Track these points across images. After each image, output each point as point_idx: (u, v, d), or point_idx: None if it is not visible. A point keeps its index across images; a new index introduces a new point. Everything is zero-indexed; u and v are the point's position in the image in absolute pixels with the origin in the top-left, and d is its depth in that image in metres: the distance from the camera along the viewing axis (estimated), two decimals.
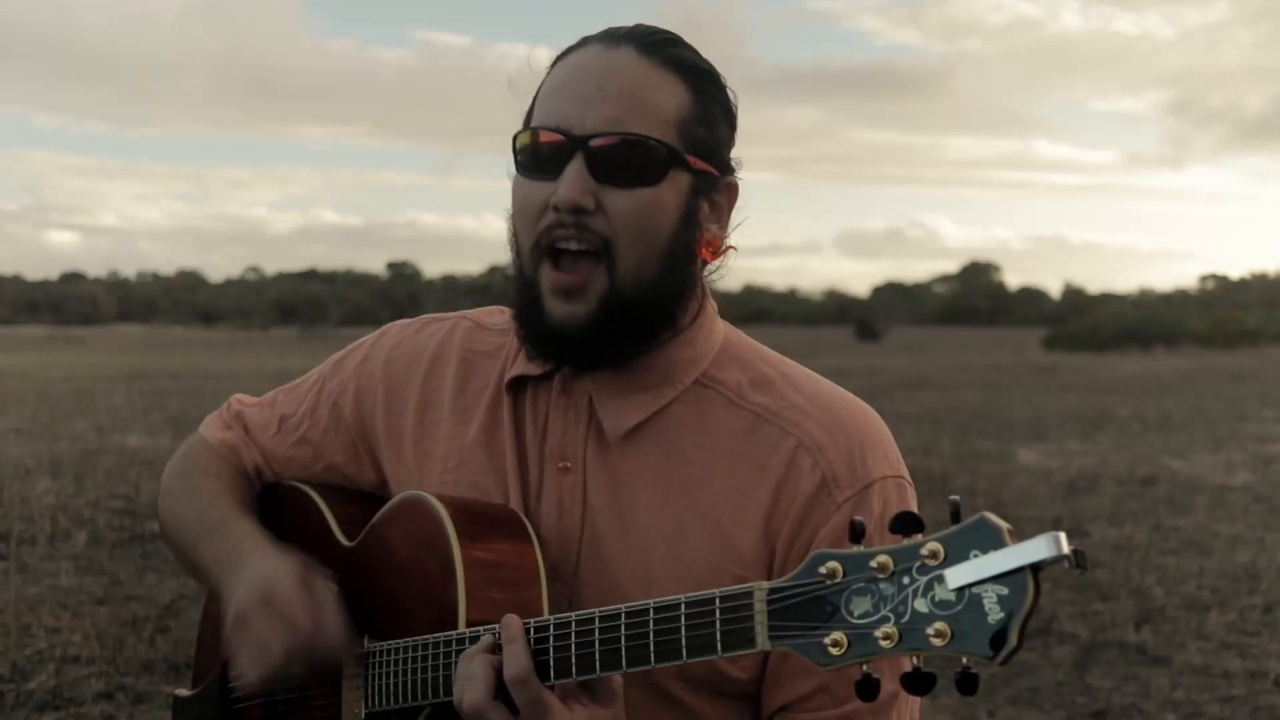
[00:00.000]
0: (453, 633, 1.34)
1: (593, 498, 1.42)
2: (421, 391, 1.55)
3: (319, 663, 1.40)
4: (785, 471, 1.39)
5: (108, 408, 14.12)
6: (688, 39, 1.46)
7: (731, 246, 1.45)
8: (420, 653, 1.37)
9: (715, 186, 1.41)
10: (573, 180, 1.33)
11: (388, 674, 1.41)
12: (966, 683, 1.04)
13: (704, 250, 1.41)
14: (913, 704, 1.41)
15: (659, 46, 1.39)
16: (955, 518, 1.05)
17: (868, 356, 32.65)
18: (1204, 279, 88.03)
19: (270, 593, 1.40)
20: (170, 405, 14.34)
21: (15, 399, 15.24)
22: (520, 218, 1.40)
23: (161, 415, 13.25)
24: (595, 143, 1.34)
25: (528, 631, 1.27)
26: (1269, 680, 4.67)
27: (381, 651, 1.43)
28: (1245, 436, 12.50)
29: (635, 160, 1.34)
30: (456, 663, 1.32)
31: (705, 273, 1.45)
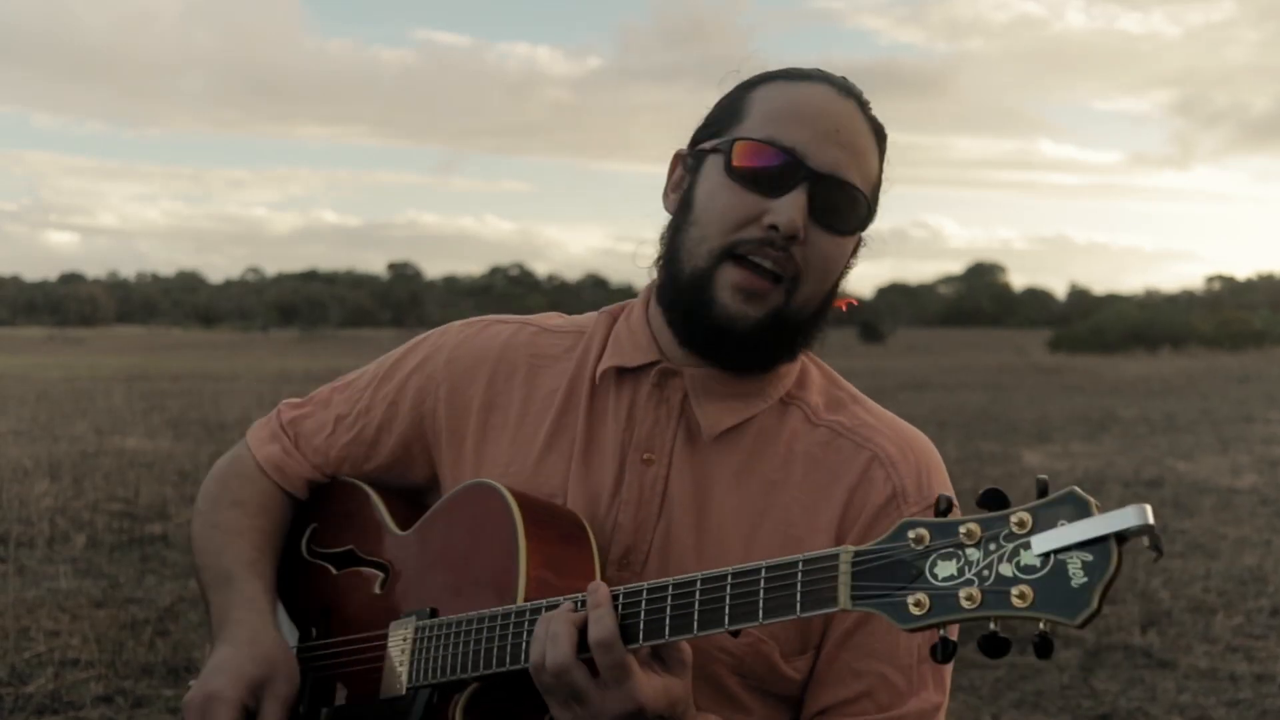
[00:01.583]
0: (511, 607, 1.35)
1: (673, 491, 1.46)
2: (486, 393, 1.57)
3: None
4: (858, 481, 1.45)
5: (107, 409, 14.10)
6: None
7: (853, 299, 1.54)
8: (476, 626, 1.38)
9: (863, 244, 1.51)
10: (800, 208, 1.38)
11: (436, 648, 1.42)
12: (1043, 646, 1.06)
13: (841, 301, 1.51)
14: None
15: (867, 109, 1.47)
16: (1043, 493, 1.08)
17: (872, 357, 32.62)
18: (1210, 280, 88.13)
19: (211, 697, 1.45)
20: (170, 407, 14.32)
21: (14, 400, 15.22)
22: (719, 221, 1.41)
23: (161, 417, 13.23)
24: (825, 180, 1.39)
25: (615, 599, 1.29)
26: (1276, 684, 4.64)
27: (431, 627, 1.43)
28: (1252, 438, 12.46)
29: (848, 209, 1.42)
30: (517, 635, 1.33)
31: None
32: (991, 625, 1.07)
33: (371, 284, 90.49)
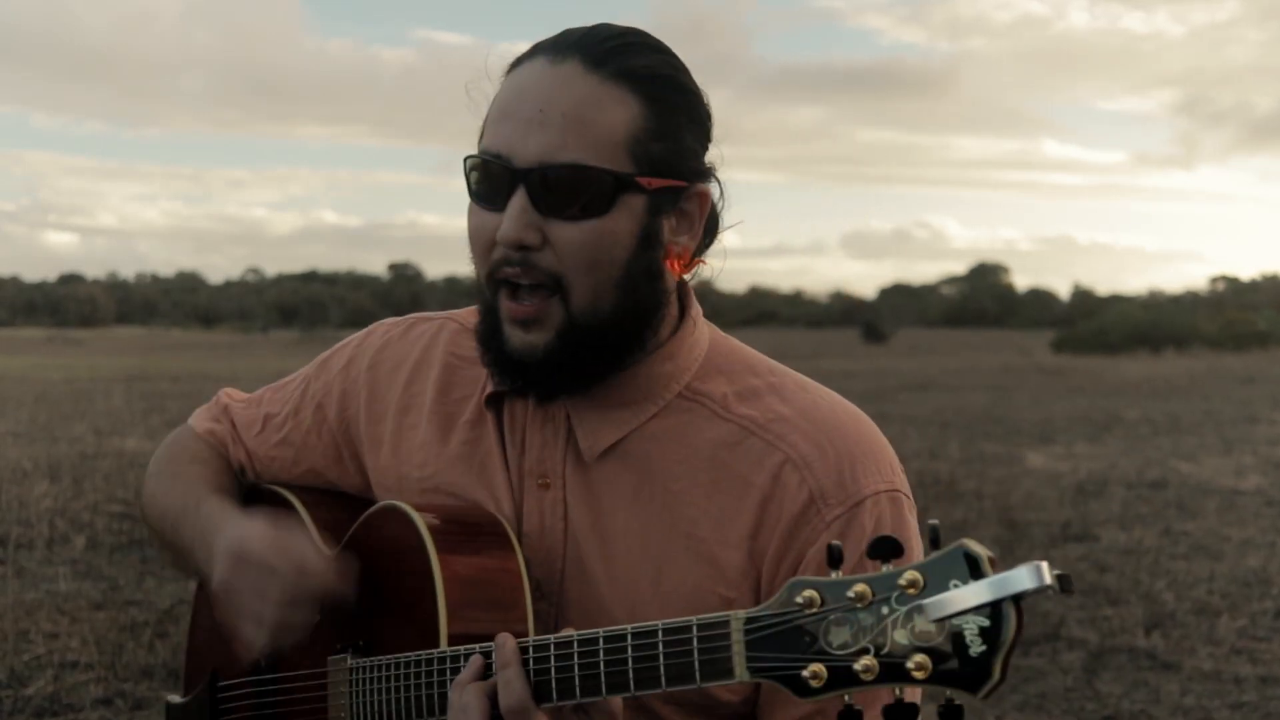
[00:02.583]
0: (434, 651, 1.31)
1: (574, 516, 1.39)
2: (403, 396, 1.52)
3: (317, 599, 1.37)
4: (771, 488, 1.33)
5: (106, 410, 14.09)
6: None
7: (701, 260, 1.39)
8: (404, 670, 1.34)
9: (680, 198, 1.34)
10: (515, 216, 1.29)
11: (372, 691, 1.38)
12: (951, 714, 1.02)
13: (673, 265, 1.36)
14: None
15: (609, 57, 1.31)
16: (935, 544, 1.02)
17: (874, 358, 32.61)
18: (1214, 280, 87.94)
19: (243, 553, 1.37)
20: (170, 408, 14.29)
21: (13, 401, 15.19)
22: (473, 247, 1.36)
23: (161, 418, 13.20)
24: (535, 174, 1.28)
25: (524, 653, 1.23)
26: None
27: (366, 668, 1.39)
28: (1256, 439, 12.43)
29: (580, 191, 1.28)
30: (442, 684, 1.28)
31: (690, 280, 1.41)
32: (895, 693, 1.03)
33: (372, 285, 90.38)
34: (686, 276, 1.40)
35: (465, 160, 1.35)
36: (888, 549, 1.04)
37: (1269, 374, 24.11)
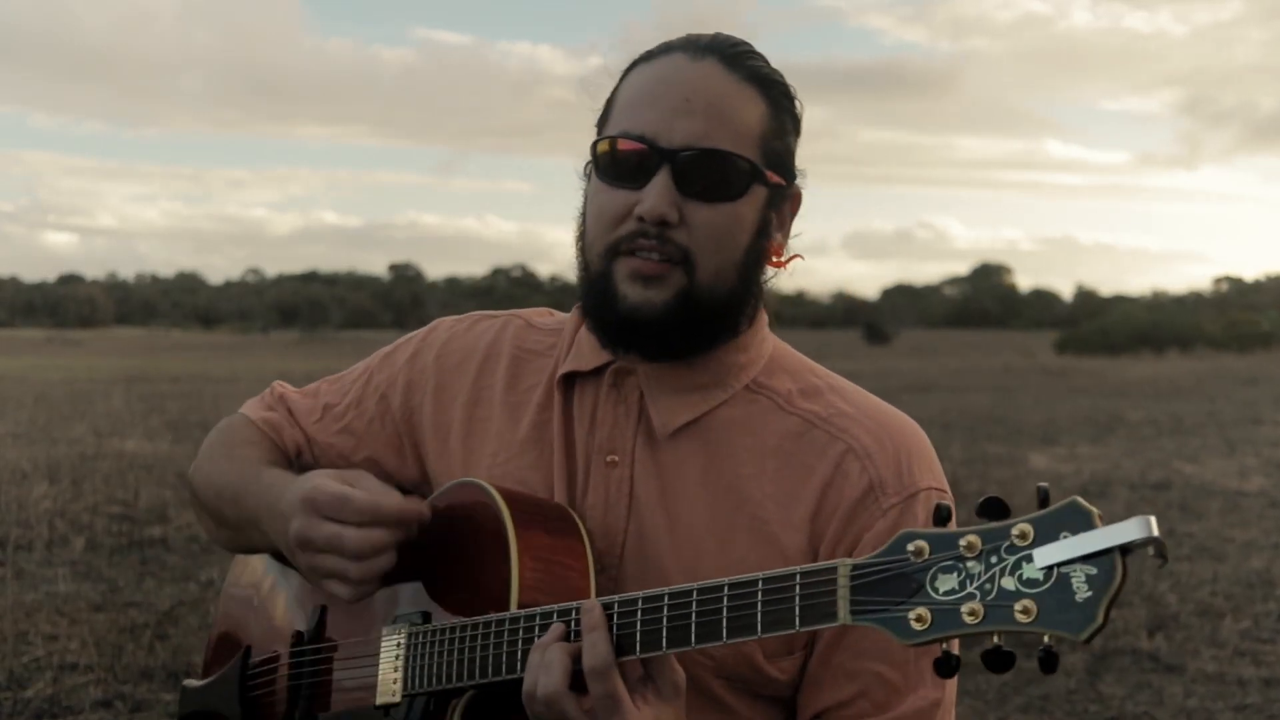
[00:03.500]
0: (506, 614, 1.33)
1: (640, 492, 1.44)
2: (472, 388, 1.57)
3: (393, 522, 1.37)
4: (832, 475, 1.41)
5: (106, 411, 14.07)
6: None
7: (798, 255, 1.48)
8: (470, 633, 1.36)
9: (785, 196, 1.45)
10: (660, 193, 1.36)
11: (430, 655, 1.40)
12: (1048, 661, 1.04)
13: (772, 260, 1.46)
14: (951, 712, 1.42)
15: (741, 59, 1.42)
16: (1043, 503, 1.06)
17: (877, 359, 32.60)
18: (1217, 281, 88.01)
19: (315, 491, 1.38)
20: (169, 409, 14.29)
21: (12, 402, 15.18)
22: (598, 223, 1.42)
23: (160, 419, 13.20)
24: (683, 156, 1.37)
25: (610, 618, 1.26)
26: None
27: (424, 634, 1.41)
28: (1259, 441, 12.41)
29: (720, 175, 1.38)
30: (510, 644, 1.31)
31: (772, 278, 1.49)
32: (995, 639, 1.06)
33: (372, 285, 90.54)
34: (780, 271, 1.48)
35: (596, 142, 1.42)
36: (997, 508, 1.08)
37: (1272, 375, 24.10)
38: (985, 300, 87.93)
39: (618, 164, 1.40)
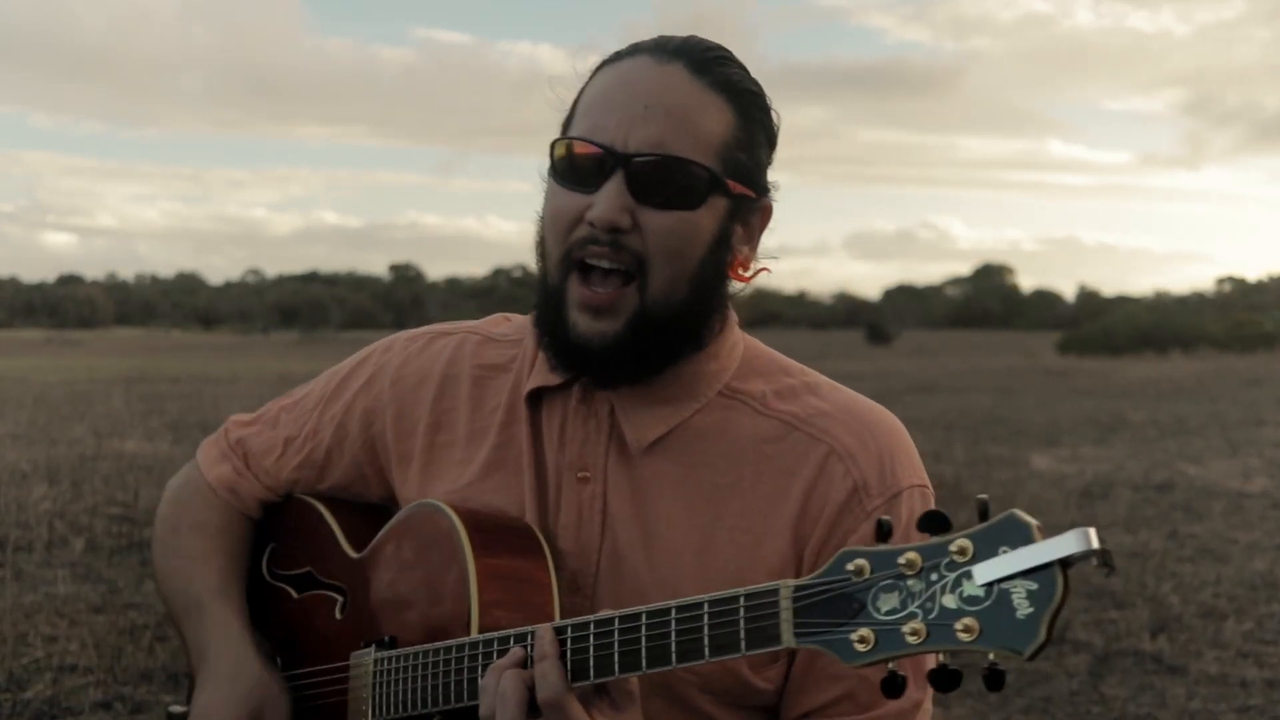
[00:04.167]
0: (466, 639, 1.33)
1: (614, 508, 1.42)
2: (432, 413, 1.54)
3: None
4: (815, 479, 1.39)
5: (106, 412, 14.05)
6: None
7: (764, 268, 1.45)
8: (432, 659, 1.36)
9: (751, 209, 1.41)
10: (611, 198, 1.33)
11: (396, 682, 1.40)
12: (994, 679, 1.03)
13: (734, 272, 1.42)
14: (929, 715, 1.41)
15: (710, 66, 1.38)
16: (983, 515, 1.04)
17: (878, 360, 32.59)
18: (1220, 281, 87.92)
19: None
20: (169, 409, 14.27)
21: (12, 403, 15.15)
22: (552, 227, 1.38)
23: (160, 420, 13.18)
24: (637, 161, 1.34)
25: (562, 645, 1.25)
26: None
27: (390, 659, 1.41)
28: (1262, 441, 12.39)
29: (676, 183, 1.34)
30: (473, 669, 1.31)
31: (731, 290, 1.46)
32: (940, 658, 1.06)
33: (373, 285, 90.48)
34: (741, 285, 1.45)
35: (554, 143, 1.39)
36: (937, 523, 1.07)
37: (1276, 375, 24.06)
38: (987, 301, 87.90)
39: (574, 167, 1.37)
